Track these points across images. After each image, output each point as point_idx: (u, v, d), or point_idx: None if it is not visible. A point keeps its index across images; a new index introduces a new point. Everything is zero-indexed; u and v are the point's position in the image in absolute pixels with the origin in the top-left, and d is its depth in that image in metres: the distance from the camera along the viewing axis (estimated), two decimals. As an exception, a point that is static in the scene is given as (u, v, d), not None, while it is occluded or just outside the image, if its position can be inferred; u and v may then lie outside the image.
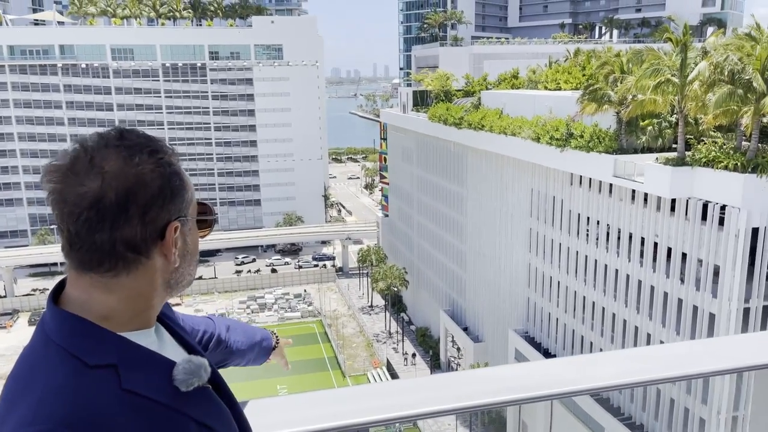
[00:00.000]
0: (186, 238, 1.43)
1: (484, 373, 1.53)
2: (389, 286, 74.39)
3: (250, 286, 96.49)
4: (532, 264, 49.47)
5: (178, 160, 1.43)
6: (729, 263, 32.36)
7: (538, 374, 1.53)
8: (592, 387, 1.46)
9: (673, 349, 1.67)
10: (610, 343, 40.98)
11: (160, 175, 1.34)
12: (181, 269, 1.43)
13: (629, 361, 1.60)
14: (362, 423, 1.61)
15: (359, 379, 66.22)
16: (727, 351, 1.66)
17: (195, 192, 1.48)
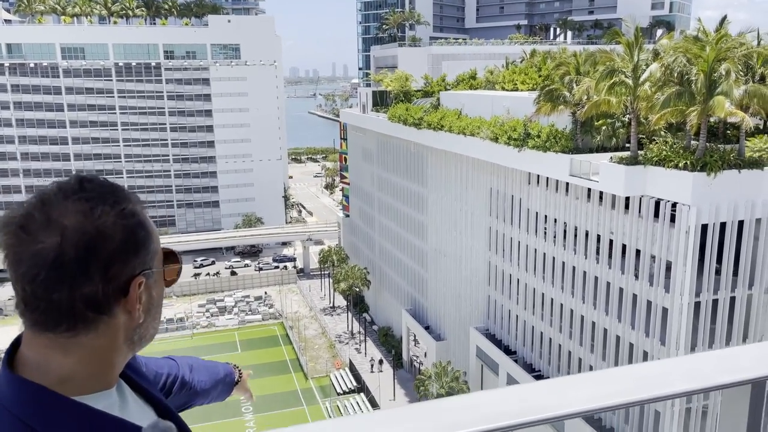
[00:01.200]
0: (151, 291, 1.36)
1: (458, 402, 1.51)
2: (351, 286, 74.25)
3: (210, 289, 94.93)
4: (492, 262, 50.10)
5: (143, 208, 1.35)
6: (680, 259, 33.40)
7: (516, 399, 1.52)
8: (571, 412, 1.46)
9: (644, 369, 1.68)
10: (568, 338, 41.83)
11: (123, 228, 1.26)
12: (146, 324, 1.36)
13: (608, 383, 1.60)
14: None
15: (322, 381, 65.90)
16: (698, 369, 1.68)
17: (160, 239, 1.40)
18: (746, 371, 1.65)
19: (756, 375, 1.63)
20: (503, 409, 1.46)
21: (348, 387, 63.21)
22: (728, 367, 1.68)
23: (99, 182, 1.31)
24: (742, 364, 1.70)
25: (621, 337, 37.64)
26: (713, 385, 1.60)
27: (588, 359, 40.31)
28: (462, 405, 1.52)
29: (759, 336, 35.73)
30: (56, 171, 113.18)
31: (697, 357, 1.72)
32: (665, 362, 1.69)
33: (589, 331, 40.10)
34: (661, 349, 34.85)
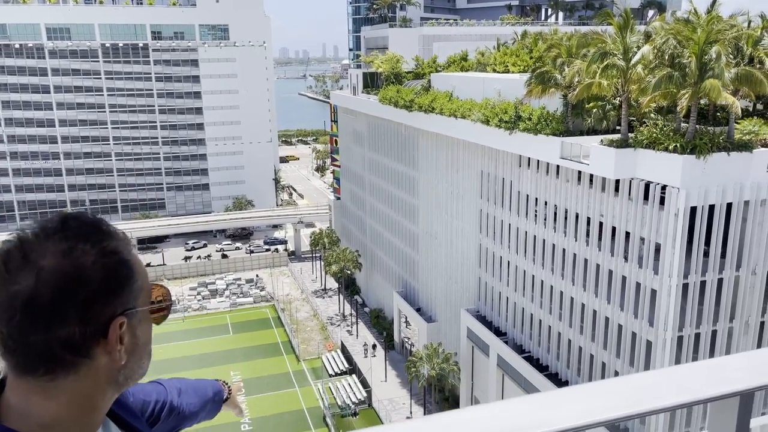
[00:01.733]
0: (135, 331, 1.32)
1: (445, 419, 1.51)
2: (342, 269, 74.40)
3: (201, 272, 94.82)
4: (483, 244, 50.29)
5: (128, 245, 1.31)
6: (669, 241, 33.66)
7: (500, 417, 1.51)
8: (557, 430, 1.46)
9: (633, 381, 1.68)
10: (558, 320, 42.21)
11: (104, 267, 1.22)
12: (131, 365, 1.32)
13: (592, 398, 1.60)
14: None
15: (314, 363, 66.25)
16: (686, 381, 1.69)
17: (148, 276, 1.36)
18: (734, 383, 1.65)
19: (744, 387, 1.64)
20: (488, 428, 1.46)
21: (340, 369, 63.62)
22: (716, 379, 1.68)
23: (83, 220, 1.27)
24: (730, 375, 1.70)
25: (610, 319, 38.02)
26: (702, 398, 1.61)
27: (577, 340, 40.74)
28: (442, 425, 1.51)
29: (746, 316, 36.20)
30: (43, 153, 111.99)
31: (685, 369, 1.73)
32: (652, 374, 1.69)
33: (579, 312, 40.47)
34: (649, 330, 35.26)
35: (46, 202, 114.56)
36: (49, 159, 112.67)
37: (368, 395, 58.21)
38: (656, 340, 34.89)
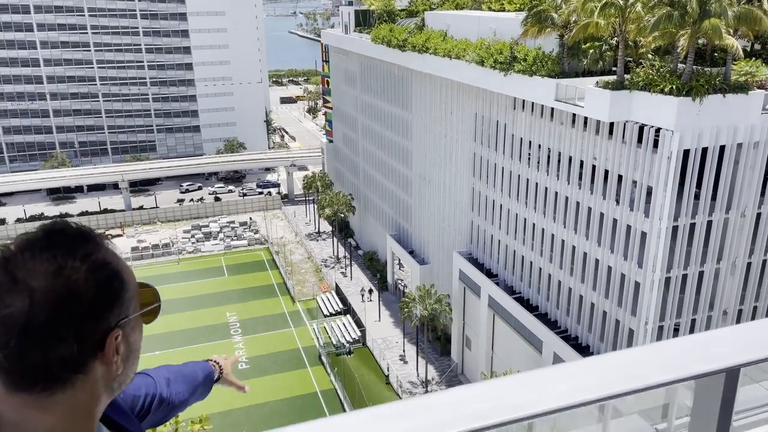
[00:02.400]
0: (129, 338, 1.32)
1: (433, 400, 1.53)
2: (336, 212, 74.61)
3: (194, 215, 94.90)
4: (476, 188, 50.36)
5: (115, 251, 1.30)
6: (661, 184, 33.79)
7: (485, 398, 1.53)
8: (543, 410, 1.49)
9: (617, 359, 1.70)
10: (549, 262, 42.80)
11: (96, 283, 1.21)
12: (125, 371, 1.33)
13: (584, 376, 1.62)
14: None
15: (309, 304, 67.34)
16: (671, 359, 1.71)
17: (135, 277, 1.35)
18: (720, 359, 1.68)
19: (730, 363, 1.67)
20: (471, 410, 1.48)
21: (335, 309, 64.77)
22: (702, 355, 1.71)
23: (68, 232, 1.25)
24: (716, 351, 1.73)
25: (600, 261, 38.58)
26: (688, 376, 1.63)
27: (567, 282, 41.46)
28: (429, 405, 1.54)
29: (733, 257, 36.81)
30: (29, 94, 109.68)
31: (670, 344, 1.75)
32: (638, 351, 1.71)
33: (569, 254, 41.01)
34: (638, 271, 35.87)
35: (35, 144, 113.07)
36: (35, 100, 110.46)
37: (362, 334, 59.53)
38: (644, 282, 35.56)
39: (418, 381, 53.12)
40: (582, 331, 40.90)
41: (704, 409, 1.70)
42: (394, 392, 51.96)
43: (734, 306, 38.22)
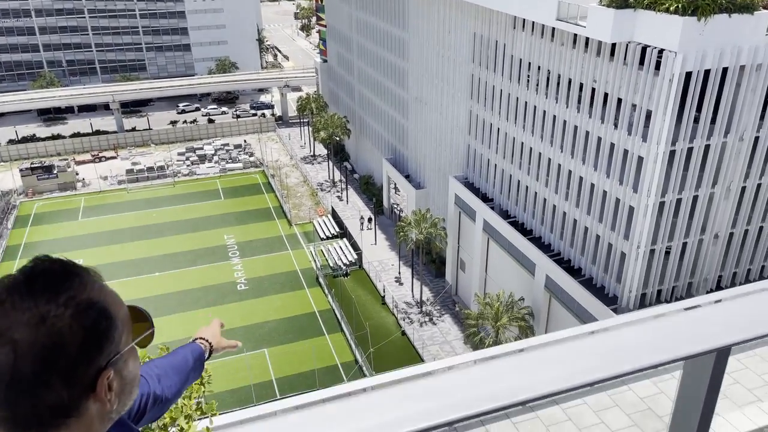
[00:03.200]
0: (122, 373, 1.28)
1: (420, 388, 1.51)
2: (331, 135, 73.84)
3: (188, 137, 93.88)
4: (474, 111, 49.64)
5: (101, 285, 1.24)
6: (661, 108, 33.32)
7: (479, 382, 1.52)
8: (537, 395, 1.48)
9: (608, 340, 1.68)
10: (544, 186, 42.86)
11: (82, 328, 1.16)
12: (122, 401, 1.30)
13: (579, 359, 1.61)
14: None
15: (306, 227, 67.90)
16: (663, 339, 1.69)
17: (124, 306, 1.30)
18: (712, 339, 1.66)
19: (721, 343, 1.65)
20: (465, 396, 1.47)
21: (331, 233, 65.40)
22: (693, 335, 1.69)
23: (49, 274, 1.19)
24: (708, 330, 1.71)
25: (595, 185, 38.63)
26: (680, 356, 1.62)
27: (562, 206, 41.69)
28: (425, 391, 1.53)
29: (728, 181, 36.89)
30: (14, 11, 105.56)
31: (663, 324, 1.73)
32: (629, 332, 1.69)
33: (565, 179, 41.00)
34: (633, 196, 36.01)
35: (23, 63, 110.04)
36: (20, 17, 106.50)
37: (359, 257, 60.44)
38: (638, 206, 35.77)
39: (413, 302, 54.44)
40: (575, 255, 41.55)
41: (692, 387, 1.70)
42: (389, 312, 53.37)
43: (726, 230, 38.69)
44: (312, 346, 48.57)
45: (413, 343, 49.19)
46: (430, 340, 49.69)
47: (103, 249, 63.36)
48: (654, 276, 37.78)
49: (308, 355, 47.02)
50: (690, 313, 1.74)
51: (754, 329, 1.70)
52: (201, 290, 56.76)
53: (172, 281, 58.06)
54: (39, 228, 68.60)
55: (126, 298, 6.21)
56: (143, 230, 66.75)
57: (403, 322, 51.66)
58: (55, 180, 77.03)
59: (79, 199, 75.22)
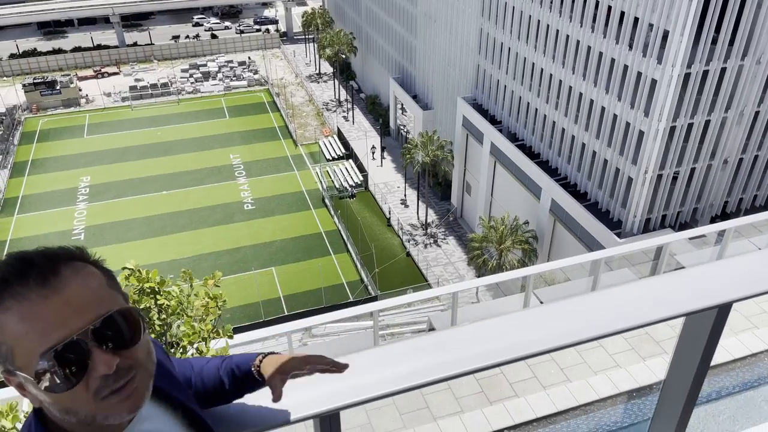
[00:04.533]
0: (26, 386, 1.31)
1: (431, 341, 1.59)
2: (337, 52, 72.05)
3: (191, 53, 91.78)
4: (484, 29, 48.11)
5: (9, 306, 1.24)
6: (679, 27, 32.23)
7: (485, 338, 1.59)
8: (542, 350, 1.55)
9: (609, 296, 1.74)
10: (554, 109, 42.20)
11: None
12: (51, 408, 1.33)
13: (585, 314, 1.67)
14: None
15: (311, 148, 67.62)
16: (664, 294, 1.74)
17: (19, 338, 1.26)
18: (713, 296, 1.72)
19: (723, 300, 1.71)
20: (475, 350, 1.55)
21: (337, 154, 65.18)
22: (695, 291, 1.74)
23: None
24: (710, 286, 1.76)
25: (606, 108, 38.01)
26: (681, 312, 1.68)
27: (571, 129, 41.20)
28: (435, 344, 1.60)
29: (742, 106, 36.21)
30: None
31: (663, 280, 1.78)
32: (631, 287, 1.75)
33: (576, 102, 40.30)
34: (643, 120, 35.48)
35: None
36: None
37: (365, 179, 60.53)
38: (649, 130, 35.32)
39: (419, 224, 55.00)
40: (581, 179, 41.48)
41: (690, 343, 1.78)
42: (395, 234, 54.06)
43: (735, 155, 38.36)
44: (318, 265, 49.58)
45: (418, 264, 50.13)
46: (435, 261, 50.58)
47: (110, 167, 63.56)
48: (660, 201, 37.85)
49: (315, 274, 48.09)
50: (693, 270, 1.79)
51: (755, 287, 1.76)
52: (208, 209, 57.35)
53: (179, 200, 58.57)
54: (45, 144, 68.58)
55: (133, 217, 6.37)
56: (149, 148, 66.65)
57: (408, 244, 52.43)
58: (58, 96, 76.20)
59: (83, 116, 74.68)
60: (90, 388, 1.27)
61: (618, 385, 8.79)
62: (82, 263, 1.34)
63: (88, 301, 1.27)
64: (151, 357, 1.40)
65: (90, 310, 1.27)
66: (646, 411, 5.75)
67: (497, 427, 8.55)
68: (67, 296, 1.25)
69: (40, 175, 62.89)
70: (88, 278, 1.31)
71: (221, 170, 63.73)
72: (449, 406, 9.04)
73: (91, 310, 1.27)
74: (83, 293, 1.28)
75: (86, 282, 1.30)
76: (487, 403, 8.94)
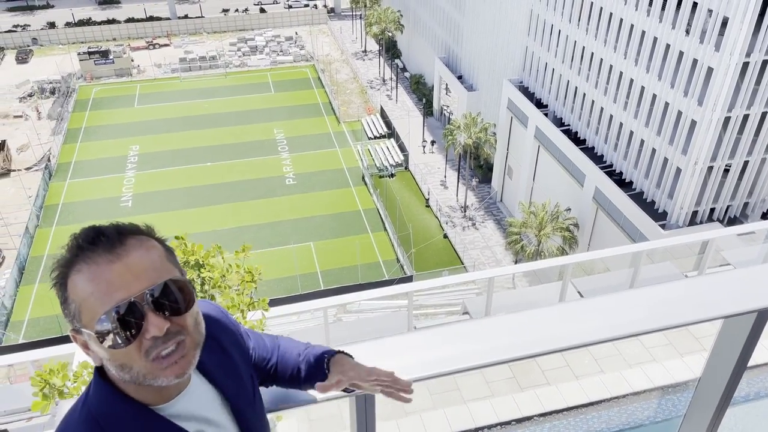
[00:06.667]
0: (89, 344, 1.49)
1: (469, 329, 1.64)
2: (383, 30, 71.57)
3: (239, 27, 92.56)
4: (535, 11, 47.04)
5: (85, 265, 1.43)
6: (739, 14, 30.91)
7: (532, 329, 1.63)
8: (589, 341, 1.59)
9: (648, 295, 1.75)
10: (603, 95, 41.16)
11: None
12: (110, 365, 1.50)
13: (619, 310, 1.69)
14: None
15: (354, 125, 67.73)
16: (704, 296, 1.75)
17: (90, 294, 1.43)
18: (754, 300, 1.72)
19: (763, 305, 1.71)
20: (511, 341, 1.59)
21: (379, 132, 65.12)
22: (735, 294, 1.74)
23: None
24: (749, 290, 1.75)
25: (658, 96, 36.88)
26: (721, 315, 1.69)
27: (619, 116, 40.17)
28: (472, 332, 1.65)
29: (802, 98, 34.64)
30: None
31: (704, 281, 1.78)
32: (672, 287, 1.75)
33: (626, 88, 39.21)
34: (696, 109, 34.32)
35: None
36: None
37: (405, 159, 60.41)
38: (701, 120, 34.16)
39: (458, 206, 54.73)
40: (627, 168, 40.51)
41: (728, 344, 1.78)
42: (433, 215, 53.96)
43: (793, 150, 36.81)
44: (356, 242, 49.95)
45: (454, 247, 49.99)
46: (472, 244, 50.36)
47: (158, 137, 65.01)
48: (709, 194, 36.71)
49: (352, 251, 48.49)
50: (733, 273, 1.79)
51: (798, 292, 1.75)
52: (250, 182, 58.23)
53: (222, 172, 59.62)
54: (97, 113, 70.51)
55: (178, 187, 6.57)
56: (195, 120, 67.83)
57: (445, 225, 52.29)
58: (111, 65, 78.03)
59: (134, 86, 76.38)
60: (142, 348, 1.43)
61: (653, 379, 8.69)
62: (147, 237, 1.51)
63: (148, 270, 1.44)
64: (199, 328, 1.54)
65: (148, 277, 1.43)
66: (680, 407, 5.69)
67: (527, 414, 8.59)
68: (129, 263, 1.42)
69: (92, 142, 64.78)
70: (149, 250, 1.48)
71: (264, 144, 64.47)
72: (480, 390, 9.10)
73: (149, 278, 1.43)
74: (144, 262, 1.44)
75: (148, 253, 1.47)
76: (519, 390, 8.97)
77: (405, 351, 1.65)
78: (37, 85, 73.67)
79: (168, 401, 1.57)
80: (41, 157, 61.05)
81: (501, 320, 1.64)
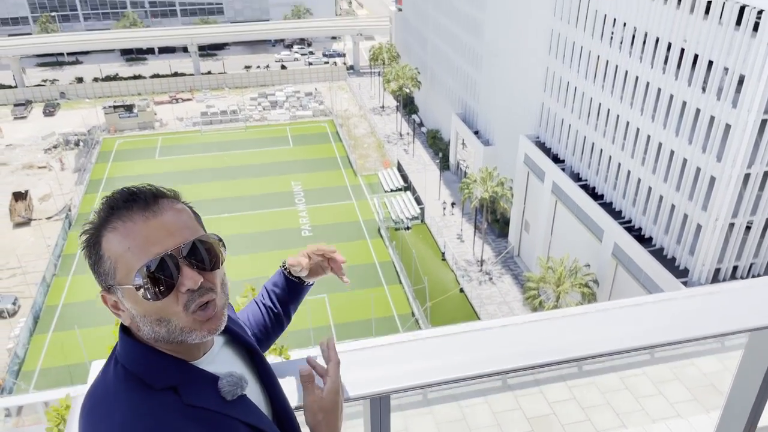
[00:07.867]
0: (124, 301, 1.54)
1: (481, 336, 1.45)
2: (401, 86, 73.07)
3: (260, 83, 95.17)
4: (551, 68, 47.80)
5: (114, 227, 1.49)
6: (756, 72, 31.06)
7: (551, 336, 1.45)
8: (609, 350, 1.40)
9: (674, 306, 1.56)
10: (620, 150, 41.18)
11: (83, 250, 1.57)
12: (142, 326, 1.55)
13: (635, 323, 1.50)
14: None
15: (371, 179, 68.30)
16: (730, 308, 1.55)
17: (132, 250, 1.49)
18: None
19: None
20: (526, 348, 1.40)
21: (395, 185, 65.55)
22: (762, 306, 1.55)
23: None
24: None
25: (675, 152, 36.78)
26: (746, 328, 1.49)
27: (637, 172, 40.04)
28: (486, 339, 1.47)
29: (823, 156, 34.29)
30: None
31: (729, 293, 1.59)
32: (697, 299, 1.57)
33: (643, 144, 39.22)
34: (715, 165, 34.11)
35: (107, 2, 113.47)
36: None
37: (421, 212, 60.49)
38: (721, 176, 33.88)
39: (474, 260, 54.27)
40: (646, 223, 40.07)
41: (755, 360, 1.58)
42: (449, 269, 53.49)
43: (816, 207, 36.19)
44: (370, 295, 49.49)
45: (471, 301, 49.29)
46: (489, 299, 49.63)
47: (177, 188, 65.70)
48: (731, 251, 36.03)
49: (366, 305, 47.99)
50: (757, 281, 1.60)
51: None
52: (267, 234, 58.48)
53: (240, 223, 60.05)
54: (119, 164, 72.03)
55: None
56: (215, 172, 68.96)
57: (462, 279, 51.74)
58: (135, 119, 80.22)
59: (156, 138, 78.21)
60: (180, 301, 1.50)
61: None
62: (176, 200, 1.65)
63: (181, 227, 1.55)
64: (225, 289, 1.63)
65: (182, 234, 1.54)
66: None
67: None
68: (163, 221, 1.53)
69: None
70: (180, 211, 1.61)
71: (282, 196, 65.10)
72: (497, 446, 8.64)
73: (183, 235, 1.54)
74: (177, 221, 1.56)
75: (179, 213, 1.59)
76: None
77: (419, 356, 1.47)
78: (63, 137, 75.70)
79: (195, 360, 1.61)
80: (62, 207, 62.08)
81: (516, 328, 1.45)
